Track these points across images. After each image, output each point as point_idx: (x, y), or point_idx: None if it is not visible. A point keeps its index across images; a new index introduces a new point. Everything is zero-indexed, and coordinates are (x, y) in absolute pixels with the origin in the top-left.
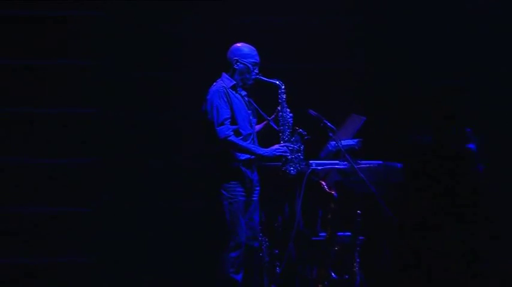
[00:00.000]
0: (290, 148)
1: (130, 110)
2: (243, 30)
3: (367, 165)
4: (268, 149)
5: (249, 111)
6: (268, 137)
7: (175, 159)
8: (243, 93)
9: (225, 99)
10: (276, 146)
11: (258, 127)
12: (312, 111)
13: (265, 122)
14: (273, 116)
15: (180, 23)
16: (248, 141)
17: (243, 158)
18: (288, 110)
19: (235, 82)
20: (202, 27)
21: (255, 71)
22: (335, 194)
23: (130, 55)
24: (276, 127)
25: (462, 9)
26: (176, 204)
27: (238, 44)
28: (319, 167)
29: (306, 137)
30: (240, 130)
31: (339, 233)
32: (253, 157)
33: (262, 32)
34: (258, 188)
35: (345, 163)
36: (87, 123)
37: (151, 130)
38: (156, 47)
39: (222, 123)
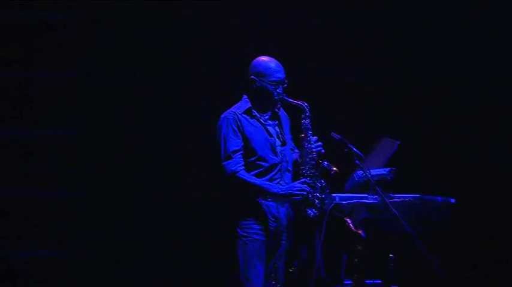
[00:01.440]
0: (312, 186)
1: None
2: (243, 30)
3: (402, 199)
4: (286, 186)
5: (272, 139)
6: None
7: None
8: (265, 117)
9: (234, 128)
10: (295, 183)
11: (294, 156)
12: (334, 135)
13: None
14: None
15: (180, 24)
16: (273, 173)
17: None
18: (314, 138)
19: (250, 105)
20: (203, 27)
21: (278, 90)
22: (363, 233)
23: (126, 61)
24: (299, 159)
25: None
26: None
27: (258, 60)
28: (344, 202)
29: (332, 172)
30: (258, 162)
31: (368, 281)
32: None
33: (262, 32)
34: (287, 229)
35: (375, 196)
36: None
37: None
38: (154, 50)
39: (229, 157)
